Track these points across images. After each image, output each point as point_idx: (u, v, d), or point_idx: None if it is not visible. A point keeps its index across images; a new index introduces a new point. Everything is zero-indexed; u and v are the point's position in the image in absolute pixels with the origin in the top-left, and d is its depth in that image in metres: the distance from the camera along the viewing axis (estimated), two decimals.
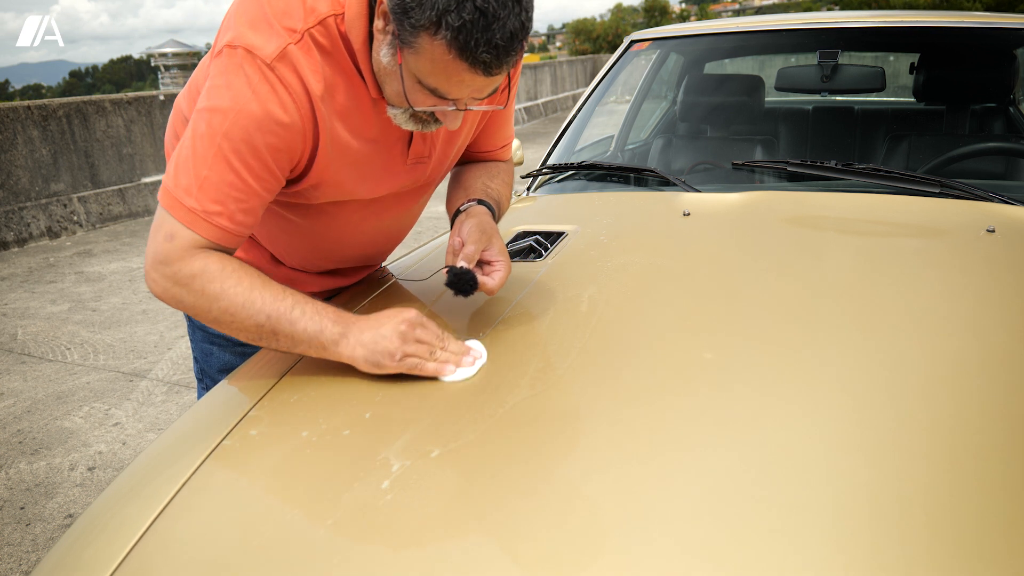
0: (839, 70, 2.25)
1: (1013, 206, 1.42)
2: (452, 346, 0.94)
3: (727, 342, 0.95)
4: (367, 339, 0.91)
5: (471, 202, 1.12)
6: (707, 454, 0.74)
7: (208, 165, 0.92)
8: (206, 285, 0.92)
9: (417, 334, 0.92)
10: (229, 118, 0.91)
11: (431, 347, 0.92)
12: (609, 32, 59.00)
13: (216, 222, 0.93)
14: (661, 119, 2.77)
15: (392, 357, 0.90)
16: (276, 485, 0.77)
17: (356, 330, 0.92)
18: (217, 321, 0.94)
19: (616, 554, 0.62)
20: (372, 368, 0.91)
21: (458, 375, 0.91)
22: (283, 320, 0.92)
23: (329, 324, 0.92)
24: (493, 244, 1.04)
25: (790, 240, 1.35)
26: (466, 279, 1.00)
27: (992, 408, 0.80)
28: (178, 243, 0.93)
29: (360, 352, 0.91)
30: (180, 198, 0.93)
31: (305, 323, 0.92)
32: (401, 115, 0.98)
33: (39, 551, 2.01)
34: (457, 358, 0.92)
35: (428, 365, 0.91)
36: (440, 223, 5.02)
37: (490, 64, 0.85)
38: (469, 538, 0.66)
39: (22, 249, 5.56)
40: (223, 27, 0.97)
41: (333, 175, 1.02)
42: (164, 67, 49.48)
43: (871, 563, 0.59)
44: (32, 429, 2.73)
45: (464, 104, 0.93)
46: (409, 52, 0.87)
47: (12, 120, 5.71)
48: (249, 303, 0.92)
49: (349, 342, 0.92)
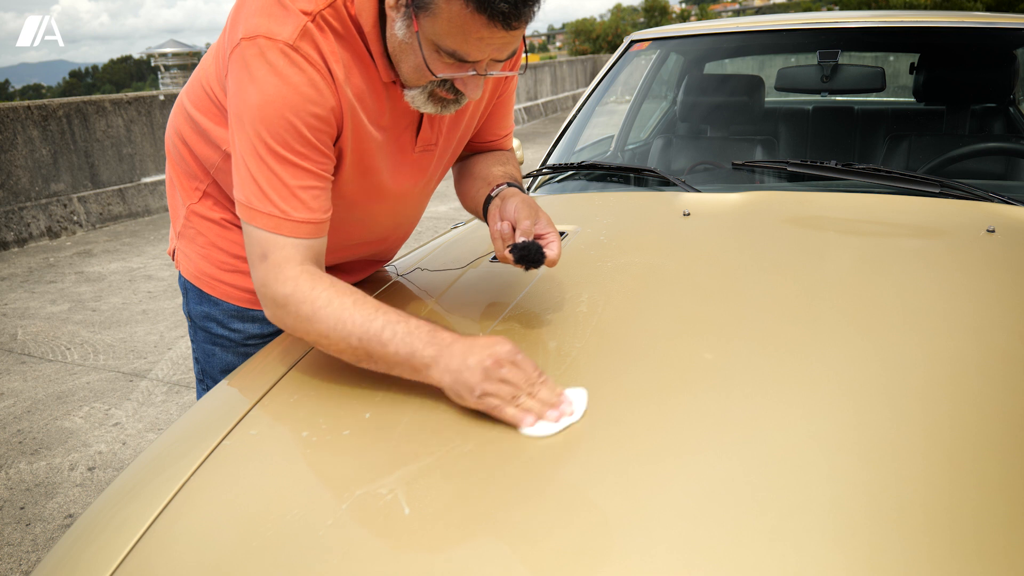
0: (839, 70, 2.25)
1: (1013, 206, 1.42)
2: (543, 393, 0.84)
3: (727, 342, 0.95)
4: (454, 366, 0.85)
5: (501, 186, 1.12)
6: (707, 455, 0.74)
7: (262, 165, 0.91)
8: (299, 307, 0.91)
9: (503, 373, 0.83)
10: (264, 111, 0.90)
11: (516, 390, 0.83)
12: (609, 32, 58.98)
13: (294, 217, 0.93)
14: (661, 119, 2.77)
15: (472, 392, 0.83)
16: (276, 485, 0.77)
17: (447, 355, 0.86)
18: (317, 344, 0.93)
19: (616, 555, 0.62)
20: (454, 398, 0.85)
21: (537, 429, 0.80)
22: (374, 342, 0.88)
23: (420, 346, 0.87)
24: (541, 218, 1.03)
25: (790, 240, 1.35)
26: (534, 250, 1.00)
27: (992, 409, 0.80)
28: (271, 261, 0.92)
29: (447, 379, 0.85)
30: (254, 206, 0.92)
31: (396, 345, 0.87)
32: (420, 95, 0.97)
33: (39, 551, 2.01)
34: (542, 409, 0.82)
35: (507, 410, 0.82)
36: (440, 223, 5.02)
37: (509, 15, 0.84)
38: (469, 539, 0.66)
39: (22, 249, 5.56)
40: (231, 26, 0.96)
41: (349, 162, 1.02)
42: (164, 67, 49.46)
43: (871, 563, 0.60)
44: (32, 429, 2.73)
45: (484, 68, 0.92)
46: (425, 17, 0.87)
47: (12, 120, 5.71)
48: (340, 325, 0.89)
49: (439, 367, 0.85)
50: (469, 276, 1.26)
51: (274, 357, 1.04)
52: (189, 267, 1.23)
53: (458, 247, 1.46)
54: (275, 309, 0.94)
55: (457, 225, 1.68)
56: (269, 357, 1.05)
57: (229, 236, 1.18)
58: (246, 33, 0.91)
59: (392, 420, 0.84)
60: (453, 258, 1.38)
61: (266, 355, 1.07)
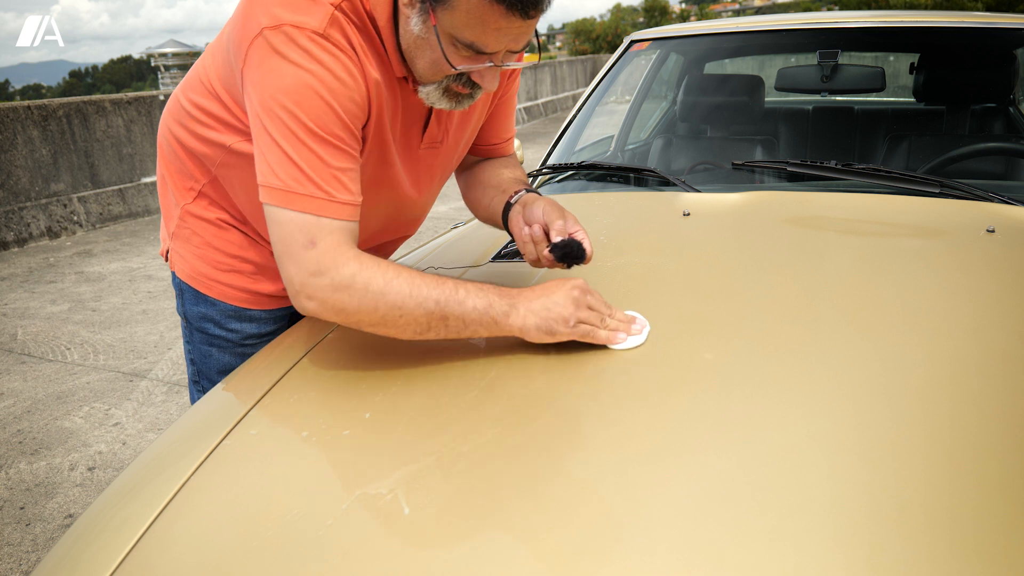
0: (839, 70, 2.25)
1: (1013, 206, 1.42)
2: (618, 314, 0.95)
3: (727, 343, 0.95)
4: (538, 307, 0.91)
5: (520, 192, 1.13)
6: (707, 455, 0.74)
7: (302, 146, 0.89)
8: (369, 282, 0.89)
9: (589, 300, 0.93)
10: (301, 93, 0.89)
11: (602, 315, 0.93)
12: (609, 32, 58.97)
13: (339, 198, 0.91)
14: (661, 119, 2.77)
15: (567, 323, 0.90)
16: (276, 485, 0.77)
17: (524, 300, 0.91)
18: (384, 319, 0.90)
19: (616, 554, 0.62)
20: (544, 336, 0.91)
21: (629, 343, 0.93)
22: (451, 302, 0.90)
23: (496, 298, 0.91)
24: (569, 217, 1.05)
25: (790, 240, 1.35)
26: (575, 247, 1.01)
27: (992, 409, 0.80)
28: (324, 245, 0.90)
29: (532, 320, 0.90)
30: (295, 189, 0.89)
31: (473, 301, 0.90)
32: (434, 91, 0.98)
33: (39, 551, 2.01)
34: (627, 326, 0.94)
35: (600, 332, 0.92)
36: (440, 223, 5.02)
37: (527, 4, 0.85)
38: (469, 539, 0.66)
39: (22, 249, 5.55)
40: (243, 20, 0.93)
41: (368, 149, 1.02)
42: (164, 67, 49.45)
43: (871, 563, 0.59)
44: (32, 429, 2.73)
45: (500, 59, 0.93)
46: (442, 10, 0.87)
47: (12, 120, 5.71)
48: (416, 291, 0.89)
49: (520, 312, 0.91)
50: (469, 276, 1.26)
51: (274, 357, 1.04)
52: (185, 268, 1.22)
53: (458, 247, 1.46)
54: (335, 293, 0.89)
55: (457, 225, 1.68)
56: (269, 357, 1.05)
57: (225, 236, 1.17)
58: (269, 23, 0.89)
59: (392, 420, 0.84)
60: (453, 258, 1.38)
61: (266, 355, 1.07)
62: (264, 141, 0.91)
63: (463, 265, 1.32)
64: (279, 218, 0.91)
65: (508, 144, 1.29)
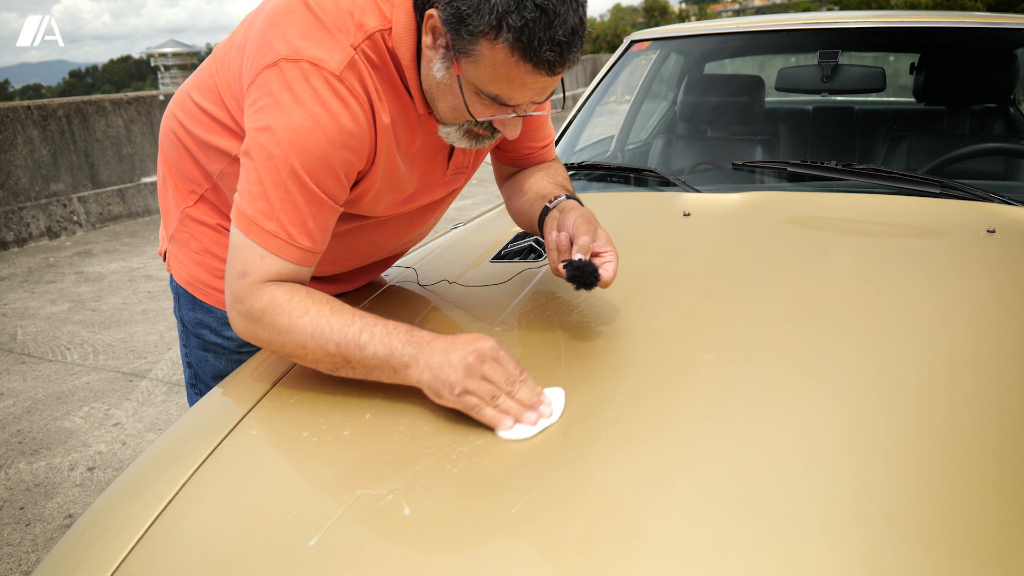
0: (839, 70, 2.25)
1: (1013, 206, 1.42)
2: (522, 393, 0.82)
3: (727, 343, 0.95)
4: (435, 363, 0.82)
5: (559, 198, 1.09)
6: (707, 455, 0.74)
7: (282, 187, 0.89)
8: (276, 319, 0.89)
9: (485, 370, 0.81)
10: (300, 136, 0.87)
11: (496, 389, 0.81)
12: (609, 32, 58.95)
13: (299, 243, 0.91)
14: (661, 119, 2.77)
15: (451, 389, 0.81)
16: (276, 485, 0.77)
17: (428, 352, 0.84)
18: (292, 355, 0.91)
19: (616, 554, 0.62)
20: (433, 396, 0.83)
21: (515, 432, 0.79)
22: (352, 346, 0.86)
23: (399, 345, 0.85)
24: (599, 234, 1.00)
25: (790, 241, 1.35)
26: (588, 271, 0.96)
27: (992, 409, 0.80)
28: (250, 278, 0.90)
29: (426, 377, 0.83)
30: (259, 222, 0.89)
31: (375, 347, 0.85)
32: (455, 132, 0.97)
33: (39, 551, 2.01)
34: (520, 411, 0.80)
35: (486, 411, 0.80)
36: (439, 223, 5.02)
37: (554, 63, 0.83)
38: (469, 539, 0.66)
39: (22, 249, 5.55)
40: (261, 40, 0.91)
41: (376, 190, 1.01)
42: (164, 67, 49.49)
43: (870, 564, 0.59)
44: (32, 429, 2.73)
45: (523, 110, 0.91)
46: (467, 62, 0.85)
47: (12, 120, 5.71)
48: (317, 333, 0.87)
49: (419, 365, 0.84)
50: (470, 276, 1.26)
51: (274, 358, 1.04)
52: (182, 272, 1.20)
53: (458, 247, 1.46)
54: (248, 324, 0.91)
55: (457, 225, 1.68)
56: (269, 358, 1.05)
57: (224, 242, 1.15)
58: (289, 54, 0.88)
59: (392, 420, 0.84)
60: (453, 258, 1.38)
61: (265, 356, 1.07)
62: (249, 168, 0.91)
63: (463, 265, 1.32)
64: (236, 241, 0.92)
65: (549, 149, 1.25)
